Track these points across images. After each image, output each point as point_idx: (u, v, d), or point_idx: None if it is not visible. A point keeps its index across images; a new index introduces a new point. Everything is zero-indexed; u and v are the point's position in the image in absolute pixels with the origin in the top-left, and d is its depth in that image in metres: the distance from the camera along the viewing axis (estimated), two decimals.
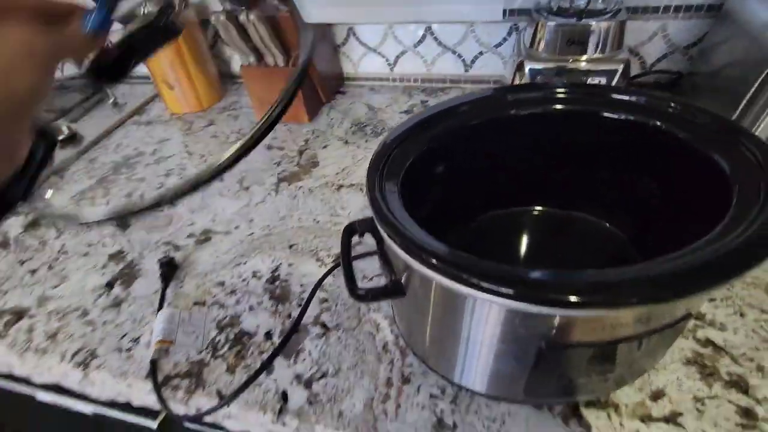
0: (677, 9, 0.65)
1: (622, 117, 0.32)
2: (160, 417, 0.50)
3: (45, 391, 0.54)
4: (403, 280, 0.32)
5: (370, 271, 0.49)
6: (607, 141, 0.32)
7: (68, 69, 1.06)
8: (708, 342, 0.39)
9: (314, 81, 0.75)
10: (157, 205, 0.33)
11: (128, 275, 0.52)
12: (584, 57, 0.58)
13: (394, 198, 0.30)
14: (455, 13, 0.53)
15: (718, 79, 0.60)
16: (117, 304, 0.49)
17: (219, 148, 0.73)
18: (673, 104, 0.31)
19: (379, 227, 0.27)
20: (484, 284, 0.23)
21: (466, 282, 0.24)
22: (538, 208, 0.32)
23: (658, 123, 0.31)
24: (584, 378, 0.30)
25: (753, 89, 0.49)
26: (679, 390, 0.36)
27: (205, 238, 0.56)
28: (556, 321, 0.25)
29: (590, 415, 0.35)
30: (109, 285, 0.51)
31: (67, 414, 0.55)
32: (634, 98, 0.32)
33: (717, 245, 0.23)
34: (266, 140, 0.73)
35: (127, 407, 0.51)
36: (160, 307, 0.47)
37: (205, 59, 0.82)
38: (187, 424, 0.55)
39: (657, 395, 0.36)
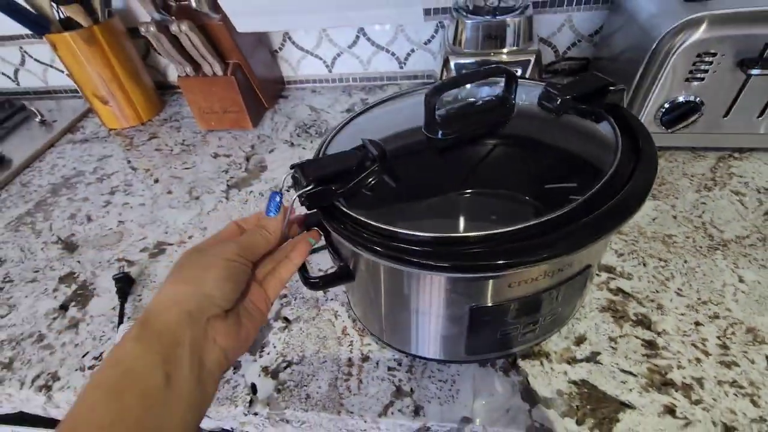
0: (579, 1, 0.73)
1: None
2: None
3: (4, 424, 0.53)
4: (351, 266, 0.35)
5: (324, 264, 0.52)
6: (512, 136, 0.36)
7: None
8: (618, 290, 0.46)
9: (255, 87, 0.77)
10: None
11: (83, 295, 0.52)
12: (503, 50, 0.64)
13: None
14: (380, 17, 0.56)
15: (617, 62, 0.68)
16: (74, 325, 0.49)
17: (164, 162, 0.73)
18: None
19: (321, 218, 0.30)
20: (423, 261, 0.27)
21: (405, 261, 0.27)
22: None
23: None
24: (515, 331, 0.35)
25: (641, 69, 0.56)
26: (597, 333, 0.42)
27: (158, 250, 0.57)
28: (483, 283, 0.30)
29: (526, 365, 0.41)
30: (63, 307, 0.51)
31: None
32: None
33: (599, 203, 0.28)
34: (212, 149, 0.74)
35: None
36: (120, 322, 0.48)
37: (139, 71, 0.81)
38: None
39: (580, 340, 0.42)
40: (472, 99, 0.36)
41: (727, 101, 0.55)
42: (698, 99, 0.55)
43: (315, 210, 0.31)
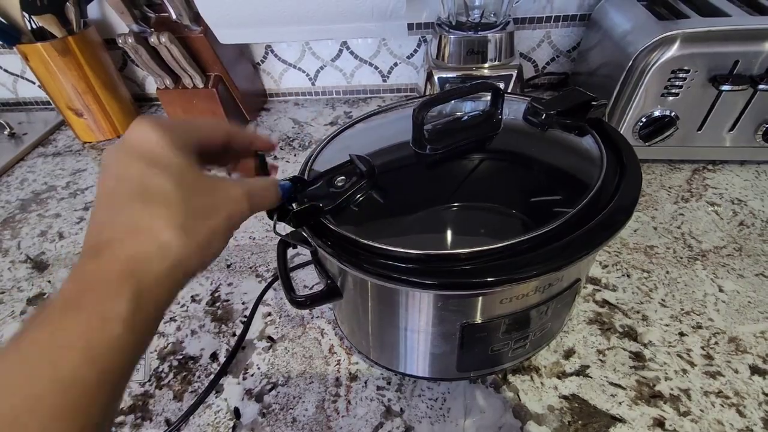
0: (556, 19, 0.75)
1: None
2: None
3: None
4: (339, 283, 0.35)
5: (310, 281, 0.51)
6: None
7: None
8: (604, 302, 0.46)
9: (236, 100, 0.75)
10: None
11: None
12: (485, 65, 0.64)
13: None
14: (364, 31, 0.57)
15: (595, 77, 0.70)
16: None
17: None
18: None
19: (307, 236, 0.30)
20: (412, 279, 0.27)
21: (394, 279, 0.27)
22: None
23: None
24: (506, 347, 0.35)
25: (619, 84, 0.58)
26: (585, 346, 0.42)
27: None
28: (474, 300, 0.29)
29: (516, 380, 0.40)
30: None
31: None
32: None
33: (588, 218, 0.28)
34: None
35: None
36: None
37: (115, 83, 0.79)
38: None
39: (568, 354, 0.42)
40: (459, 114, 0.36)
41: (700, 115, 0.57)
42: (673, 113, 0.57)
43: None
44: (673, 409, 0.37)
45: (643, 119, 0.58)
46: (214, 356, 0.44)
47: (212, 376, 0.42)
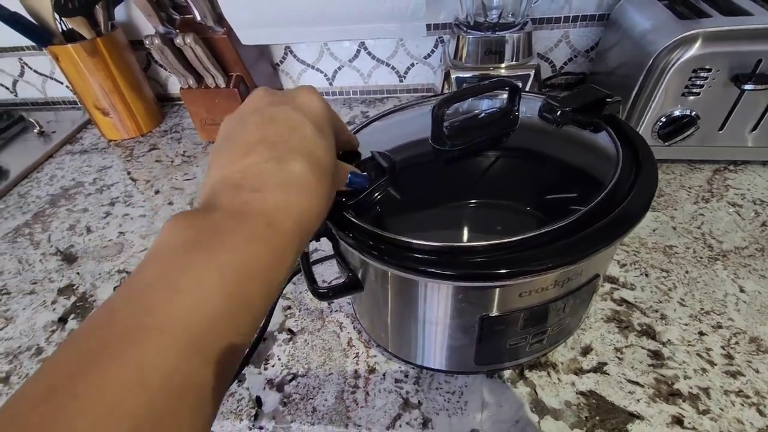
0: (575, 19, 0.75)
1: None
2: None
3: None
4: (360, 275, 0.35)
5: (328, 275, 0.52)
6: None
7: None
8: (622, 301, 0.46)
9: None
10: None
11: (82, 308, 0.51)
12: (502, 65, 0.65)
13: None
14: (382, 31, 0.57)
15: (613, 76, 0.69)
16: None
17: (164, 173, 0.73)
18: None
19: (332, 229, 0.30)
20: (432, 270, 0.27)
21: (417, 271, 0.28)
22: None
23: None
24: (524, 341, 0.35)
25: (638, 84, 0.58)
26: (603, 344, 0.43)
27: None
28: (493, 292, 0.30)
29: (533, 375, 0.41)
30: (63, 320, 0.50)
31: None
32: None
33: (603, 213, 0.29)
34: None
35: None
36: None
37: (140, 83, 0.81)
38: None
39: (586, 351, 0.42)
40: (476, 111, 0.37)
41: (722, 115, 0.57)
42: (694, 113, 0.57)
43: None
44: (692, 408, 0.37)
45: (663, 119, 0.58)
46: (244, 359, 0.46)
47: (241, 370, 0.43)
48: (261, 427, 0.40)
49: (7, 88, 0.96)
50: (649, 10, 0.62)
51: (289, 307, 0.49)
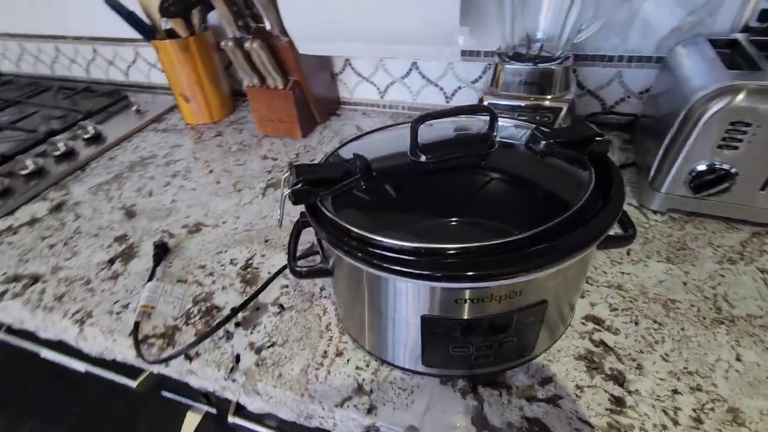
0: (630, 59, 0.74)
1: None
2: (140, 378, 0.58)
3: (47, 349, 0.63)
4: (331, 263, 0.40)
5: None
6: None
7: (96, 73, 1.20)
8: (601, 342, 0.45)
9: (310, 103, 0.85)
10: None
11: (128, 255, 0.62)
12: (534, 96, 0.66)
13: (328, 201, 0.38)
14: (421, 53, 0.62)
15: (660, 122, 0.67)
16: (115, 277, 0.58)
17: (221, 157, 0.83)
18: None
19: (307, 215, 0.35)
20: (367, 258, 0.31)
21: (356, 257, 0.31)
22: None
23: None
24: (466, 351, 0.37)
25: (674, 129, 0.56)
26: (566, 378, 0.42)
27: (196, 229, 0.65)
28: (428, 292, 0.33)
29: (485, 392, 0.42)
30: (111, 261, 0.61)
31: (65, 372, 0.63)
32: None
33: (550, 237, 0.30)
34: (263, 151, 0.83)
35: (114, 366, 0.59)
36: (149, 280, 0.56)
37: (219, 78, 0.94)
38: (165, 394, 0.64)
39: (545, 381, 0.42)
40: (458, 133, 0.40)
41: (764, 174, 0.53)
42: (732, 168, 0.53)
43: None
44: None
45: (697, 170, 0.55)
46: (234, 309, 0.52)
47: (226, 322, 0.50)
48: (234, 380, 0.45)
49: (122, 71, 1.16)
50: (701, 56, 0.60)
51: (287, 286, 0.55)
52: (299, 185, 0.34)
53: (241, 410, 0.56)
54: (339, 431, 0.43)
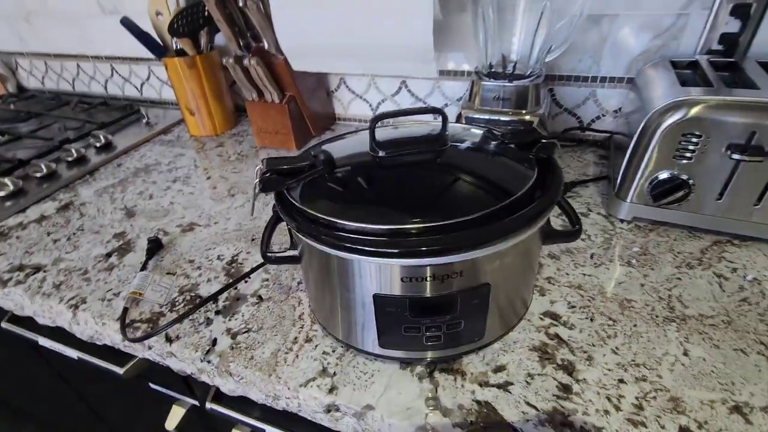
0: (603, 79, 0.78)
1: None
2: (127, 365, 0.62)
3: (44, 337, 0.67)
4: (299, 250, 0.44)
5: None
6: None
7: (113, 89, 1.28)
8: (556, 336, 0.48)
9: (305, 117, 0.91)
10: None
11: (124, 249, 0.66)
12: (511, 111, 0.70)
13: (295, 191, 0.42)
14: (399, 69, 0.67)
15: (629, 138, 0.70)
16: (110, 268, 0.63)
17: (220, 165, 0.89)
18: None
19: (275, 202, 0.39)
20: (318, 235, 0.34)
21: (311, 235, 0.35)
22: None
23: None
24: (417, 332, 0.40)
25: (633, 142, 0.59)
26: (518, 367, 0.45)
27: (189, 228, 0.70)
28: (376, 269, 0.36)
29: (441, 377, 0.44)
30: (108, 255, 0.65)
31: (61, 358, 0.67)
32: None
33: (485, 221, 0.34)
34: (259, 161, 0.88)
35: (102, 353, 0.63)
36: (142, 269, 0.60)
37: (223, 94, 1.01)
38: (152, 386, 0.67)
39: (499, 369, 0.45)
40: (413, 134, 0.44)
41: (719, 184, 0.56)
42: (687, 177, 0.57)
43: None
44: None
45: (655, 180, 0.59)
46: (215, 300, 0.56)
47: (209, 313, 0.53)
48: (209, 361, 0.49)
49: (137, 88, 1.24)
50: (663, 76, 0.64)
51: (267, 280, 0.58)
52: (267, 174, 0.39)
53: (218, 398, 0.58)
54: (303, 411, 0.46)
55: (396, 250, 0.33)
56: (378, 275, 0.37)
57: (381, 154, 0.41)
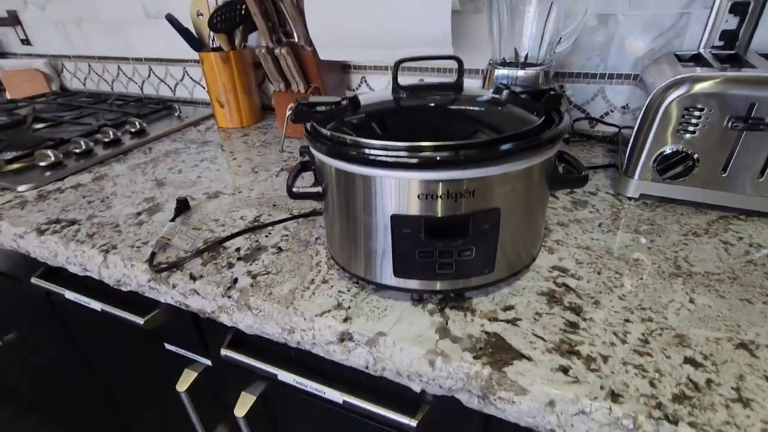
0: (610, 76, 0.82)
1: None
2: (148, 316, 0.64)
3: (70, 291, 0.70)
4: (323, 187, 0.47)
5: None
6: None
7: (148, 90, 1.37)
8: (563, 284, 0.49)
9: None
10: None
11: (153, 210, 0.70)
12: None
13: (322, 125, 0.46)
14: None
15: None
16: (140, 224, 0.66)
17: (245, 149, 0.94)
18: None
19: (304, 132, 0.43)
20: (345, 151, 0.38)
21: (333, 153, 0.39)
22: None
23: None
24: (431, 257, 0.42)
25: (639, 119, 0.63)
26: (527, 308, 0.46)
27: (215, 195, 0.74)
28: (402, 191, 0.39)
29: (452, 313, 0.46)
30: (138, 214, 0.69)
31: (85, 311, 0.70)
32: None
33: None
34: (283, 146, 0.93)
35: (124, 305, 0.66)
36: (171, 221, 0.64)
37: (252, 91, 1.08)
38: (167, 347, 0.69)
39: (507, 308, 0.46)
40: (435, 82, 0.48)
41: (723, 157, 0.58)
42: (691, 151, 0.59)
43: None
44: (583, 365, 0.39)
45: (661, 155, 0.61)
46: (237, 250, 0.59)
47: (231, 260, 0.56)
48: (230, 296, 0.51)
49: (170, 88, 1.33)
50: (666, 65, 0.68)
51: (287, 235, 0.61)
52: (298, 107, 0.43)
53: (233, 346, 0.60)
54: (317, 344, 0.48)
55: (415, 161, 0.36)
56: (397, 194, 0.39)
57: (402, 95, 0.45)
